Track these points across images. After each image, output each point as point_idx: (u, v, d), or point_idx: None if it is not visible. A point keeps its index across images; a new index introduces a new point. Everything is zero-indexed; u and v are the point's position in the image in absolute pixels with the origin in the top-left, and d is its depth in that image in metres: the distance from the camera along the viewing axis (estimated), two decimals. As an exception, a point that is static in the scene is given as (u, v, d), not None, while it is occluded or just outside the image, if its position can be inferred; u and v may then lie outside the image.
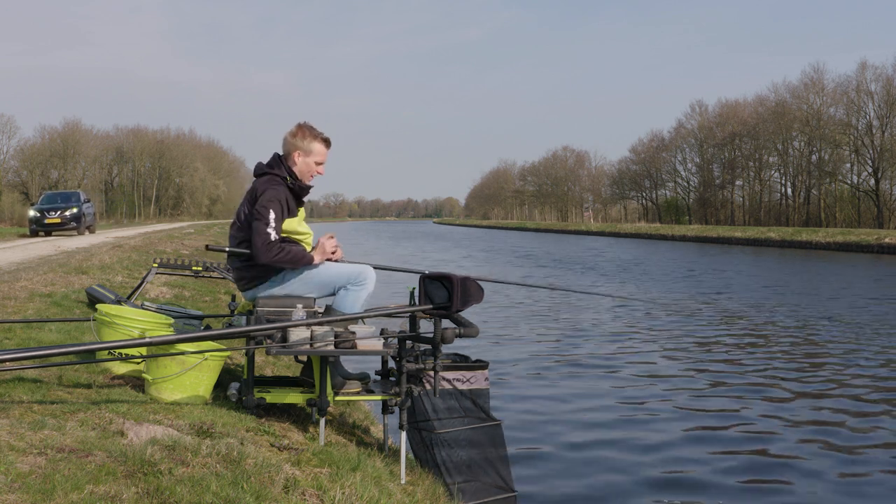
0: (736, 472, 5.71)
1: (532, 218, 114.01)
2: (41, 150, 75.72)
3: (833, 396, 7.93)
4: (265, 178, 4.39)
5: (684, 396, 7.94)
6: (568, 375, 8.97)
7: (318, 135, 4.43)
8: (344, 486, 3.19)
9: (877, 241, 36.23)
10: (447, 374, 4.39)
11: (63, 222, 26.64)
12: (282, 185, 4.34)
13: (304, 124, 4.46)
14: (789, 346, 10.90)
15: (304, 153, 4.39)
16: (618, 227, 69.26)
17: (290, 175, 4.39)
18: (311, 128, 4.45)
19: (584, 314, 14.33)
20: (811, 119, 60.98)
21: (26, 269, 10.41)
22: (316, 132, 4.43)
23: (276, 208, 4.24)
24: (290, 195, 4.37)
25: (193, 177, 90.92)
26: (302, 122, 4.47)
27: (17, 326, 5.51)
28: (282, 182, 4.35)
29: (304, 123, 4.47)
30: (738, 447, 6.31)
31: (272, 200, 4.24)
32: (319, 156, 4.43)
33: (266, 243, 4.17)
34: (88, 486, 2.61)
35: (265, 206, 4.23)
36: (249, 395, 4.13)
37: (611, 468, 5.80)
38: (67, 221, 26.71)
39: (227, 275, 7.50)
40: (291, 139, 4.41)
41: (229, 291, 9.57)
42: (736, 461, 5.96)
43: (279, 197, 4.27)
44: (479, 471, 4.42)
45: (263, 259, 4.19)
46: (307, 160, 4.40)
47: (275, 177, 4.37)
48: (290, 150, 4.41)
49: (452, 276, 3.90)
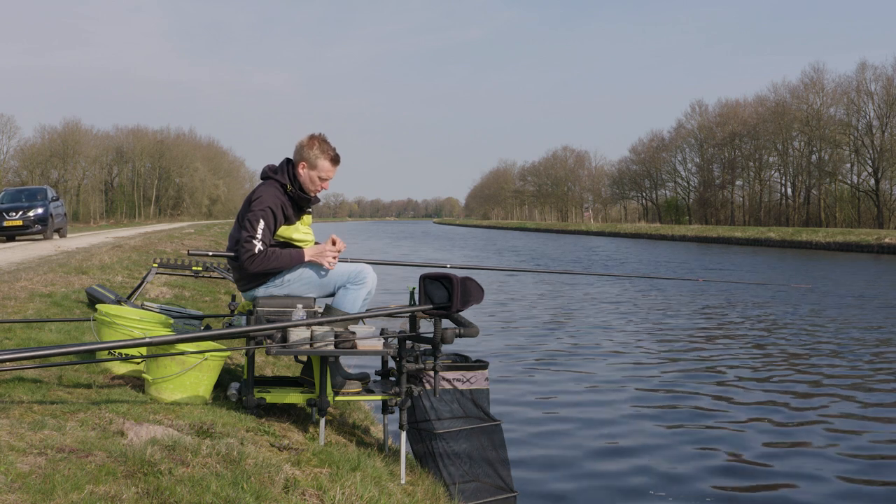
0: (737, 473, 5.70)
1: (532, 218, 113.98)
2: (41, 150, 75.71)
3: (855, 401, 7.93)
4: (265, 183, 4.37)
5: (686, 396, 7.94)
6: (568, 376, 8.97)
7: (328, 151, 4.34)
8: (344, 486, 3.19)
9: (877, 241, 36.22)
10: (447, 374, 4.39)
11: (26, 225, 22.25)
12: (279, 192, 4.30)
13: (318, 136, 4.38)
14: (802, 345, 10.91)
15: (309, 166, 4.34)
16: (618, 228, 69.25)
17: (292, 182, 4.35)
18: (323, 142, 4.36)
19: (587, 313, 14.33)
20: (811, 119, 60.98)
21: (26, 269, 10.41)
22: (326, 147, 4.34)
23: (266, 217, 4.21)
24: (287, 202, 4.33)
25: (193, 177, 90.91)
26: (316, 134, 4.39)
27: (17, 326, 5.51)
28: (280, 188, 4.32)
29: (318, 136, 4.38)
30: (739, 447, 6.31)
31: (262, 209, 4.21)
32: (324, 172, 4.36)
33: (248, 256, 4.16)
34: (88, 486, 2.61)
35: (254, 215, 4.20)
36: (249, 395, 4.13)
37: (611, 468, 5.80)
38: (31, 224, 22.31)
39: (227, 275, 7.50)
40: (300, 148, 4.36)
41: (229, 291, 9.57)
42: (738, 462, 5.96)
43: (272, 204, 4.23)
44: (479, 471, 4.42)
45: (248, 270, 4.22)
46: (311, 174, 4.35)
47: (274, 182, 4.34)
48: (297, 160, 4.38)
49: (452, 276, 3.90)
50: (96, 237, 25.45)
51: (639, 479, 5.58)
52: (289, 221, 4.36)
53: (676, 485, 5.47)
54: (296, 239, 4.42)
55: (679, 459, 5.98)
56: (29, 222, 22.32)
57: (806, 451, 6.22)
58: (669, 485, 5.47)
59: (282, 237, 4.37)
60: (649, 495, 5.28)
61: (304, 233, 4.50)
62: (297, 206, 4.41)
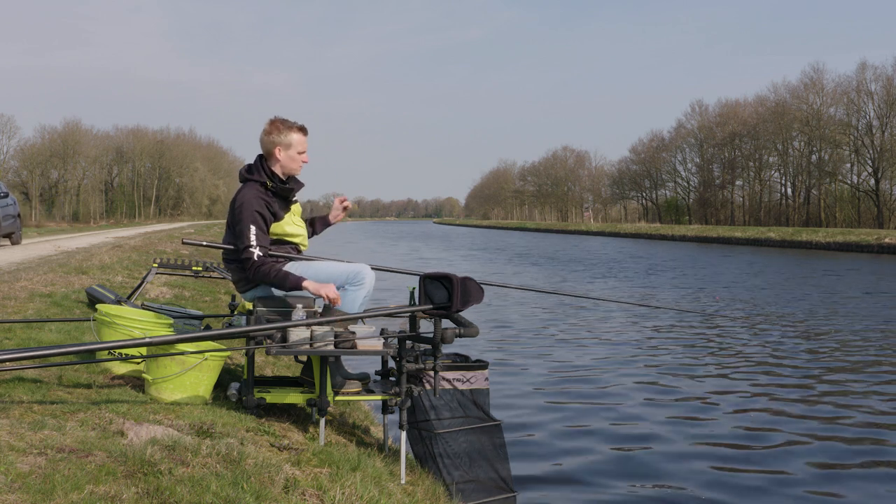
0: (737, 474, 5.70)
1: (532, 218, 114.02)
2: (41, 150, 75.75)
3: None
4: (245, 185, 4.35)
5: (685, 397, 7.94)
6: (569, 376, 8.97)
7: (293, 125, 4.40)
8: (344, 486, 3.19)
9: (877, 241, 36.23)
10: (447, 374, 4.39)
11: None
12: (259, 192, 4.29)
13: (276, 119, 4.42)
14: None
15: (283, 147, 4.36)
16: (618, 228, 69.28)
17: (270, 178, 4.35)
18: (284, 120, 4.41)
19: (585, 314, 14.33)
20: (811, 119, 61.01)
21: (26, 269, 10.41)
22: (289, 122, 4.40)
23: (256, 221, 4.21)
24: (272, 199, 4.32)
25: (193, 177, 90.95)
26: (273, 118, 4.43)
27: (17, 326, 5.51)
28: (260, 187, 4.31)
29: (276, 118, 4.43)
30: (738, 447, 6.31)
31: (250, 214, 4.21)
32: (300, 145, 4.40)
33: (250, 265, 4.18)
34: (88, 486, 2.61)
35: (244, 223, 4.20)
36: (249, 395, 4.13)
37: (611, 469, 5.79)
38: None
39: (226, 275, 7.49)
40: (267, 137, 4.38)
41: (229, 291, 9.57)
42: (737, 462, 5.96)
43: (257, 206, 4.23)
44: (479, 471, 4.42)
45: (252, 279, 4.26)
46: (289, 153, 4.37)
47: (254, 183, 4.33)
48: (269, 149, 4.38)
49: (452, 276, 3.90)
50: (96, 237, 25.44)
51: (639, 479, 5.57)
52: (277, 217, 4.35)
53: (676, 485, 5.47)
54: (289, 233, 4.42)
55: (680, 460, 5.97)
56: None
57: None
58: (670, 485, 5.46)
59: (275, 234, 4.36)
60: (650, 496, 5.28)
61: (297, 225, 4.49)
62: (283, 199, 4.40)
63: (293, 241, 4.46)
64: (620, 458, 6.02)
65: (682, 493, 5.31)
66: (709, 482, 5.50)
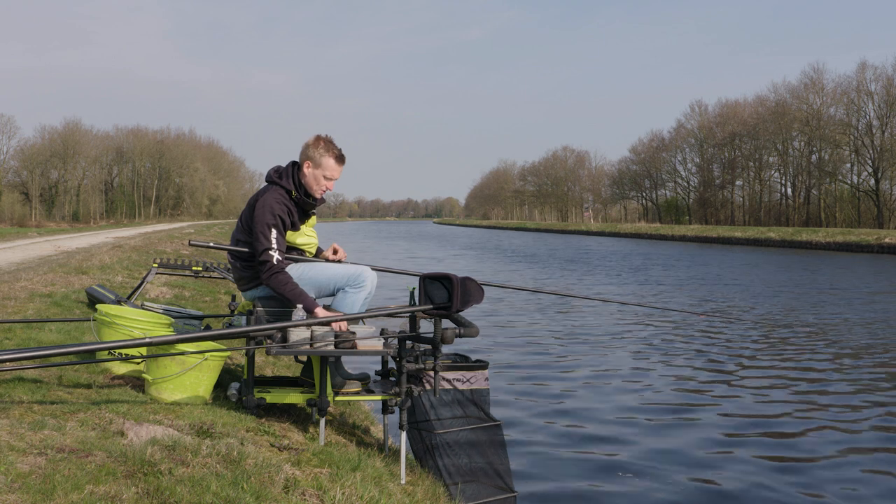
0: (737, 474, 5.70)
1: (532, 218, 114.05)
2: (41, 150, 75.80)
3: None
4: (270, 188, 4.34)
5: (685, 397, 7.94)
6: (569, 376, 8.97)
7: (332, 149, 4.37)
8: (344, 486, 3.19)
9: (877, 241, 36.23)
10: (447, 375, 4.39)
11: None
12: (284, 198, 4.30)
13: (323, 136, 4.41)
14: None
15: (314, 165, 4.34)
16: (618, 227, 69.29)
17: (297, 188, 4.35)
18: (329, 141, 4.39)
19: (585, 314, 14.33)
20: (811, 119, 61.01)
21: (26, 269, 10.41)
22: (331, 146, 4.37)
23: (278, 226, 4.22)
24: (293, 208, 4.33)
25: (193, 177, 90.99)
26: (321, 134, 4.42)
27: (17, 326, 5.51)
28: (285, 194, 4.32)
29: (324, 136, 4.42)
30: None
31: (273, 218, 4.20)
32: (329, 171, 4.36)
33: (271, 272, 4.15)
34: (88, 486, 2.61)
35: (266, 224, 4.19)
36: (249, 395, 4.13)
37: (611, 469, 5.79)
38: None
39: (227, 275, 7.50)
40: (306, 148, 4.37)
41: (229, 291, 9.57)
42: (737, 461, 5.96)
43: (280, 212, 4.24)
44: (479, 471, 4.42)
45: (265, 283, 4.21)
46: (316, 172, 4.35)
47: (278, 188, 4.33)
48: (303, 159, 4.38)
49: (452, 277, 3.90)
50: (96, 237, 25.44)
51: (639, 479, 5.57)
52: (294, 227, 4.37)
53: (677, 485, 5.47)
54: (299, 244, 4.45)
55: (681, 460, 5.97)
56: None
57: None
58: (670, 486, 5.46)
59: (287, 242, 4.39)
60: (649, 496, 5.28)
61: (308, 236, 4.51)
62: (302, 211, 4.42)
63: (301, 250, 4.49)
64: (621, 459, 6.01)
65: (682, 493, 5.31)
66: (709, 482, 5.50)
